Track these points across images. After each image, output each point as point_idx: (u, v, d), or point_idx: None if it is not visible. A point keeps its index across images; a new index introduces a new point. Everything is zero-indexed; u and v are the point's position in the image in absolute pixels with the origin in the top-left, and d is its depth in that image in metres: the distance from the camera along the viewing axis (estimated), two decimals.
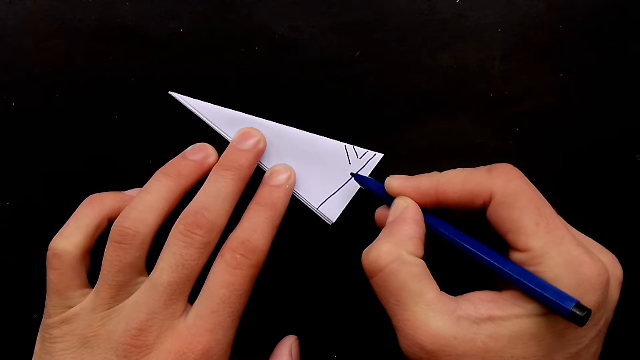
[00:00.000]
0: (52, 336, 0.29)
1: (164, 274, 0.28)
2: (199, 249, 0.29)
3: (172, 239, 0.29)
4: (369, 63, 0.33)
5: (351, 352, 0.35)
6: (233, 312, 0.28)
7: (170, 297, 0.28)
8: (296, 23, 0.33)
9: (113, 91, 0.34)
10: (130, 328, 0.27)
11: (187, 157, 0.32)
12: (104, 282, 0.29)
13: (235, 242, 0.29)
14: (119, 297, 0.29)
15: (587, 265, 0.25)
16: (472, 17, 0.33)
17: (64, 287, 0.29)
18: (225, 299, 0.28)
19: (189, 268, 0.28)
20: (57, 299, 0.29)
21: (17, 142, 0.35)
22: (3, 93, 0.35)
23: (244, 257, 0.29)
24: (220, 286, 0.28)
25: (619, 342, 0.34)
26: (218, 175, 0.31)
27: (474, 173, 0.28)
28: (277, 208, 0.31)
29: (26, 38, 0.34)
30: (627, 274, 0.34)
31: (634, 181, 0.33)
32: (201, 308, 0.28)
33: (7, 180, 0.35)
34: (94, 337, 0.28)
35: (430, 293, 0.26)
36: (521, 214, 0.26)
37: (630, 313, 0.34)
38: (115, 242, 0.29)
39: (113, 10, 0.34)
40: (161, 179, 0.31)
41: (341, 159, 0.33)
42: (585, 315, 0.23)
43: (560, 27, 0.33)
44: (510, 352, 0.25)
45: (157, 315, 0.28)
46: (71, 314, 0.29)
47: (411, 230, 0.28)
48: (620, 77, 0.33)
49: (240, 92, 0.34)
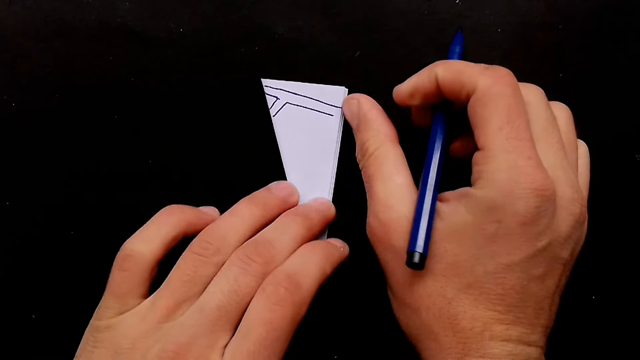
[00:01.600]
0: (96, 340, 0.27)
1: (214, 298, 0.27)
2: (255, 277, 0.27)
3: (229, 265, 0.28)
4: (369, 63, 0.33)
5: (351, 352, 0.35)
6: (269, 356, 0.26)
7: (216, 323, 0.26)
8: (296, 23, 0.33)
9: (113, 91, 0.34)
10: (167, 349, 0.26)
11: (272, 192, 0.32)
12: (168, 290, 0.28)
13: (280, 275, 0.28)
14: (175, 314, 0.27)
15: (527, 175, 0.25)
16: (472, 17, 0.33)
17: (126, 291, 0.28)
18: (262, 339, 0.26)
19: (241, 295, 0.27)
20: (114, 302, 0.28)
21: (17, 142, 0.35)
22: (3, 93, 0.35)
23: (288, 292, 0.27)
24: (259, 324, 0.26)
25: (619, 341, 0.34)
26: (288, 218, 0.31)
27: (470, 66, 0.27)
28: (329, 257, 0.30)
29: (26, 38, 0.34)
30: (627, 275, 0.34)
31: (634, 181, 0.33)
32: (236, 347, 0.26)
33: (7, 180, 0.35)
34: (129, 350, 0.26)
35: (400, 178, 0.28)
36: (490, 114, 0.26)
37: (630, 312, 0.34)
38: (195, 253, 0.28)
39: (113, 10, 0.34)
40: (249, 206, 0.31)
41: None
42: (419, 262, 0.25)
43: (560, 27, 0.33)
44: (445, 246, 0.26)
45: (198, 341, 0.26)
46: (120, 320, 0.27)
47: (387, 122, 0.30)
48: (620, 77, 0.33)
49: (241, 92, 0.34)
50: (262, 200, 0.31)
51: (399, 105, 0.30)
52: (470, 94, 0.26)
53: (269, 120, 0.34)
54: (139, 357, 0.26)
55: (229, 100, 0.34)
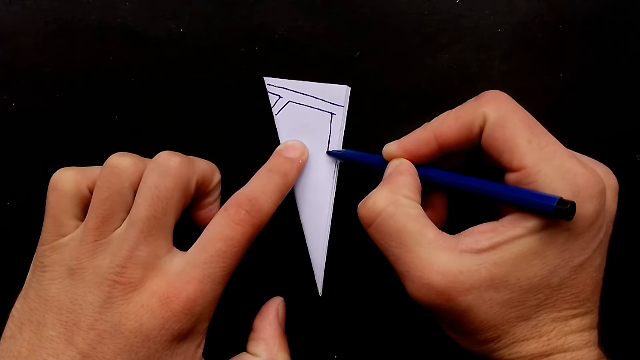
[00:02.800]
0: (42, 264, 0.29)
1: (141, 209, 0.28)
2: (174, 178, 0.28)
3: (147, 173, 0.29)
4: (369, 63, 0.33)
5: (351, 352, 0.35)
6: (226, 267, 0.28)
7: (150, 233, 0.28)
8: (296, 23, 0.33)
9: (113, 91, 0.34)
10: (114, 265, 0.27)
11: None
12: (93, 211, 0.29)
13: (242, 198, 0.29)
14: (105, 231, 0.28)
15: (582, 175, 0.25)
16: (472, 17, 0.33)
17: (61, 211, 0.29)
18: (221, 252, 0.28)
19: (164, 201, 0.28)
20: (52, 224, 0.29)
21: (17, 142, 0.35)
22: (3, 93, 0.35)
23: (248, 214, 0.29)
24: (218, 239, 0.28)
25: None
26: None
27: (464, 106, 0.28)
28: (287, 179, 0.31)
29: (26, 38, 0.34)
30: (627, 275, 0.34)
31: (634, 181, 0.33)
32: (194, 257, 0.28)
33: (7, 180, 0.35)
34: (79, 270, 0.28)
35: (430, 232, 0.26)
36: (513, 132, 0.26)
37: (629, 312, 0.34)
38: (110, 167, 0.29)
39: (113, 10, 0.34)
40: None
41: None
42: (570, 208, 0.24)
43: (560, 27, 0.33)
44: (516, 275, 0.25)
45: (138, 252, 0.27)
46: (62, 242, 0.29)
47: (406, 179, 0.29)
48: (620, 77, 0.33)
49: (241, 92, 0.34)
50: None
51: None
52: (482, 126, 0.27)
53: (269, 121, 0.34)
54: (91, 275, 0.27)
55: (229, 100, 0.34)
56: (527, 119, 0.27)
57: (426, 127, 0.29)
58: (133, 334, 0.27)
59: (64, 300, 0.27)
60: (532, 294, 0.26)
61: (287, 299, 0.34)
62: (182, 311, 0.27)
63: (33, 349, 0.27)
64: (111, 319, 0.27)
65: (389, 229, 0.27)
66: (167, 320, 0.27)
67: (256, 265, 0.34)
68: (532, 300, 0.26)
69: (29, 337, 0.27)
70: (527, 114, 0.27)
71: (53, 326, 0.27)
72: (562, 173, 0.25)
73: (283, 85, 0.33)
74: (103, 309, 0.27)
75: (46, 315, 0.27)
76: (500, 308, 0.26)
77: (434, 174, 0.29)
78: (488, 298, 0.25)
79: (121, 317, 0.27)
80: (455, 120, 0.28)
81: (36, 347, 0.27)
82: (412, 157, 0.29)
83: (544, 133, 0.26)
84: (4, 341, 0.28)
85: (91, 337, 0.26)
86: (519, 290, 0.25)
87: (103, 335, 0.27)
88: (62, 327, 0.27)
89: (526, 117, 0.27)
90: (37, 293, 0.28)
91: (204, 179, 0.31)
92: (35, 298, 0.28)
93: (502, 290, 0.25)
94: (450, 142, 0.28)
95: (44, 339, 0.27)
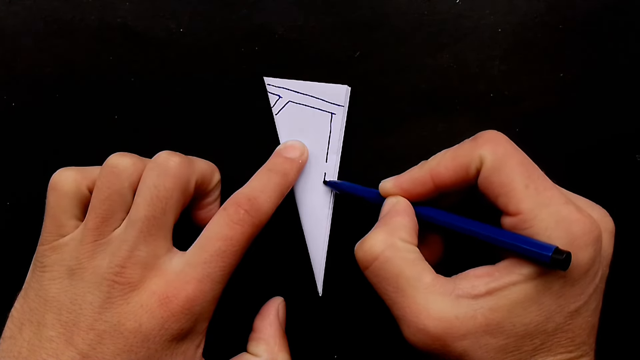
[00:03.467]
0: (42, 264, 0.29)
1: (141, 209, 0.28)
2: (174, 178, 0.29)
3: (146, 173, 0.29)
4: (369, 63, 0.33)
5: (351, 352, 0.35)
6: (225, 266, 0.28)
7: (150, 232, 0.28)
8: (296, 23, 0.33)
9: (113, 91, 0.34)
10: (114, 265, 0.27)
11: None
12: (92, 211, 0.29)
13: (241, 197, 0.29)
14: (105, 231, 0.28)
15: (577, 222, 0.25)
16: (472, 17, 0.33)
17: (61, 211, 0.29)
18: (220, 252, 0.28)
19: (164, 201, 0.28)
20: (52, 224, 0.29)
21: (17, 142, 0.35)
22: (3, 93, 0.35)
23: (247, 214, 0.29)
24: (217, 239, 0.28)
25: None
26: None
27: (461, 146, 0.28)
28: (287, 179, 0.31)
29: (26, 38, 0.34)
30: (627, 275, 0.34)
31: (634, 181, 0.33)
32: (193, 257, 0.28)
33: (7, 180, 0.35)
34: (79, 270, 0.28)
35: (427, 277, 0.26)
36: (511, 177, 0.26)
37: (629, 312, 0.34)
38: (109, 166, 0.29)
39: (113, 10, 0.34)
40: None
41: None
42: (565, 258, 0.24)
43: (560, 27, 0.33)
44: (512, 321, 0.25)
45: (138, 252, 0.27)
46: (61, 242, 0.29)
47: (403, 221, 0.28)
48: (620, 77, 0.33)
49: (241, 92, 0.34)
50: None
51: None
52: (479, 168, 0.27)
53: (269, 121, 0.34)
54: (90, 275, 0.27)
55: (229, 100, 0.34)
56: (524, 162, 0.26)
57: (423, 166, 0.29)
58: (132, 334, 0.27)
59: (63, 300, 0.27)
60: (528, 339, 0.26)
61: (287, 299, 0.34)
62: (181, 311, 0.27)
63: (33, 349, 0.27)
64: (111, 319, 0.27)
65: (385, 273, 0.27)
66: (166, 320, 0.27)
67: (256, 265, 0.34)
68: (528, 346, 0.26)
69: (29, 337, 0.27)
70: (524, 157, 0.27)
71: (53, 326, 0.27)
72: (558, 220, 0.25)
73: (283, 85, 0.33)
74: (102, 309, 0.27)
75: (46, 315, 0.27)
76: (496, 353, 0.26)
77: (431, 213, 0.29)
78: (484, 343, 0.25)
79: (120, 317, 0.27)
80: (452, 161, 0.28)
81: (36, 348, 0.27)
82: (408, 195, 0.29)
83: (541, 177, 0.26)
84: (3, 341, 0.28)
85: (91, 338, 0.27)
86: (514, 336, 0.25)
87: (103, 336, 0.27)
88: (62, 328, 0.27)
89: (524, 161, 0.26)
90: (37, 293, 0.28)
91: (203, 179, 0.31)
92: (35, 298, 0.28)
93: (497, 336, 0.25)
94: (447, 182, 0.28)
95: (43, 339, 0.27)
